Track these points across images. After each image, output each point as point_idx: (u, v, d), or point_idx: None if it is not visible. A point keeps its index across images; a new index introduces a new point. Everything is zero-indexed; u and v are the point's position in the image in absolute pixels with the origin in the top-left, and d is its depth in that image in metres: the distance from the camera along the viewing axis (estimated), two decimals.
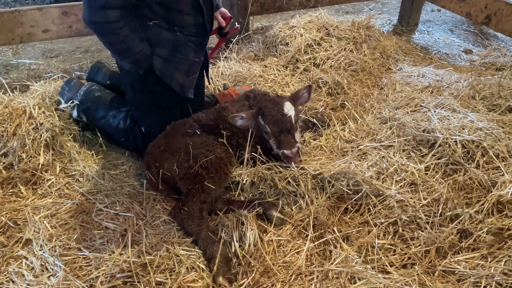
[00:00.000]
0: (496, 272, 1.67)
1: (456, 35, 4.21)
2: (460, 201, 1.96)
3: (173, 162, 2.10)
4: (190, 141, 2.16)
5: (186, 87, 2.32)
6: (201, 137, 2.22)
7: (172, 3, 2.12)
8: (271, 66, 3.23)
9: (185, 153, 2.11)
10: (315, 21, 3.43)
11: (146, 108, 2.35)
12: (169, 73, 2.26)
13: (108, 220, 2.00)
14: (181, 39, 2.22)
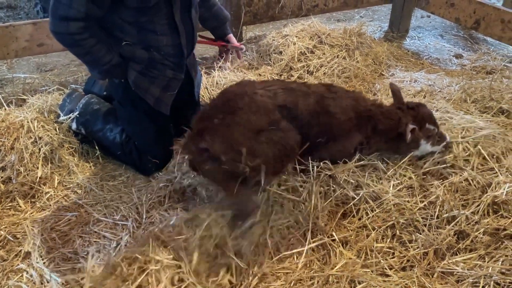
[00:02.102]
0: (494, 271, 1.70)
1: (446, 40, 4.28)
2: (456, 203, 1.99)
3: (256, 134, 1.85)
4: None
5: (162, 102, 2.31)
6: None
7: (146, 23, 2.11)
8: (265, 75, 3.26)
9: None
10: (308, 29, 3.48)
11: (137, 124, 2.34)
12: (143, 85, 2.25)
13: (107, 229, 2.01)
14: (158, 58, 2.22)
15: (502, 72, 3.36)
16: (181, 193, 2.22)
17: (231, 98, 1.97)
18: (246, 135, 1.84)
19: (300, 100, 2.02)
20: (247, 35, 3.97)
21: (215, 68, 3.28)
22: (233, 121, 1.87)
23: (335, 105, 2.09)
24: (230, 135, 1.83)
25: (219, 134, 1.84)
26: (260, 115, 1.89)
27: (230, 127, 1.86)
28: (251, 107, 1.91)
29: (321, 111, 2.05)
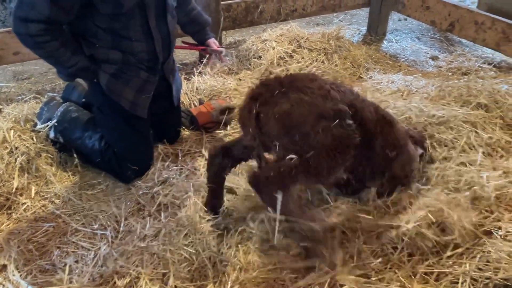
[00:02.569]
0: (471, 268, 1.72)
1: (423, 42, 4.36)
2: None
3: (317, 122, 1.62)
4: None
5: (137, 105, 2.29)
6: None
7: (120, 30, 2.10)
8: (245, 79, 3.27)
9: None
10: (287, 33, 3.51)
11: (116, 130, 2.32)
12: (117, 89, 2.23)
13: (85, 239, 1.98)
14: (131, 61, 2.21)
15: (476, 73, 3.44)
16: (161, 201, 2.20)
17: (298, 77, 1.79)
18: (305, 115, 1.62)
19: (364, 105, 1.83)
20: (226, 40, 3.97)
21: (195, 73, 3.28)
22: (295, 96, 1.64)
23: (389, 115, 1.93)
24: (287, 112, 1.62)
25: (275, 105, 1.64)
26: (327, 101, 1.67)
27: (289, 102, 1.63)
28: (320, 90, 1.69)
29: (382, 120, 1.87)
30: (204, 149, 2.59)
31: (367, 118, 1.78)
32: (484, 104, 2.66)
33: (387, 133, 1.84)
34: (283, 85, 1.69)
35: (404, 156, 1.94)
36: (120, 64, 2.20)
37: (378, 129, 1.82)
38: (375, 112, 1.85)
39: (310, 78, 1.76)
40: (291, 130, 1.62)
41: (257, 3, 3.79)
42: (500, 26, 3.44)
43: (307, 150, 1.62)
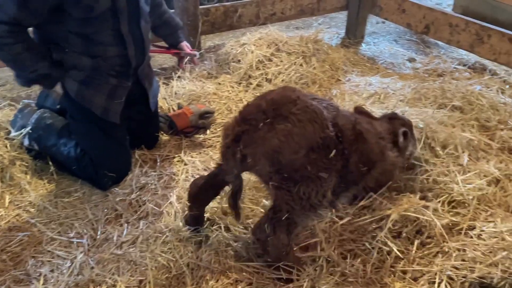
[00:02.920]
0: (447, 266, 1.75)
1: (400, 45, 4.43)
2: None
3: (306, 155, 1.57)
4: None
5: (109, 110, 2.26)
6: None
7: (92, 34, 2.08)
8: (224, 83, 3.26)
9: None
10: (265, 37, 3.51)
11: (91, 137, 2.28)
12: (87, 96, 2.20)
13: (61, 248, 1.94)
14: (102, 66, 2.18)
15: (452, 74, 3.50)
16: (139, 207, 2.17)
17: (279, 100, 1.64)
18: (297, 151, 1.56)
19: (345, 122, 1.77)
20: (206, 44, 3.96)
21: (174, 78, 3.26)
22: (282, 128, 1.56)
23: (366, 131, 1.88)
24: (276, 150, 1.55)
25: (263, 143, 1.57)
26: (316, 127, 1.60)
27: (279, 136, 1.56)
28: (307, 114, 1.60)
29: (358, 137, 1.81)
30: (183, 154, 2.58)
31: (346, 136, 1.74)
32: (458, 106, 2.71)
33: (361, 151, 1.80)
34: (266, 114, 1.58)
35: (377, 171, 1.93)
36: (89, 71, 2.17)
37: (354, 148, 1.77)
38: (352, 129, 1.79)
39: (292, 99, 1.63)
40: (282, 168, 1.58)
41: (236, 7, 3.79)
42: (473, 28, 3.51)
43: (296, 183, 1.61)
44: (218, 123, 2.90)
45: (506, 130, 2.59)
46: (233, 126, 1.64)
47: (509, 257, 1.68)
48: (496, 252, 1.72)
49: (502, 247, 1.73)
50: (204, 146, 2.70)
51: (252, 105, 1.68)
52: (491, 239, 1.79)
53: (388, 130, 2.05)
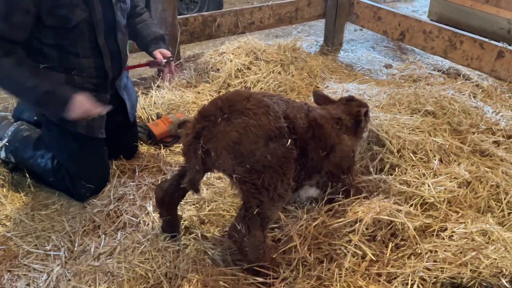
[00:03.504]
0: (420, 268, 1.79)
1: (377, 51, 4.52)
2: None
3: (265, 145, 1.63)
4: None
5: (94, 127, 2.25)
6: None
7: (68, 46, 2.08)
8: (204, 92, 3.29)
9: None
10: (244, 46, 3.56)
11: (67, 149, 2.27)
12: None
13: (38, 261, 1.93)
14: (77, 81, 2.17)
15: (426, 79, 3.59)
16: (117, 218, 2.17)
17: (234, 98, 1.71)
18: (256, 141, 1.61)
19: (296, 113, 1.84)
20: (185, 54, 3.99)
21: (153, 88, 3.27)
22: (239, 122, 1.61)
23: (320, 116, 1.97)
24: (236, 141, 1.60)
25: (223, 137, 1.60)
26: (270, 119, 1.66)
27: (237, 129, 1.60)
28: (260, 108, 1.67)
29: (313, 124, 1.90)
30: (162, 163, 2.58)
31: (299, 126, 1.81)
32: (431, 111, 2.78)
33: (318, 137, 1.88)
34: (223, 111, 1.64)
35: (336, 154, 1.99)
36: None
37: (310, 134, 1.85)
38: (306, 117, 1.87)
39: (245, 96, 1.71)
40: (244, 159, 1.61)
41: (214, 17, 3.83)
42: (446, 35, 3.62)
43: (259, 175, 1.64)
44: None
45: (477, 134, 2.67)
46: (193, 124, 1.68)
47: (478, 257, 1.73)
48: (466, 253, 1.76)
49: (471, 247, 1.78)
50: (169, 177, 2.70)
51: (209, 104, 1.74)
52: (461, 240, 1.84)
53: (344, 112, 2.15)
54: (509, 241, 1.80)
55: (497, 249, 1.76)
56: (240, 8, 4.00)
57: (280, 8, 4.16)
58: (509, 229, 1.99)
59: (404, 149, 2.36)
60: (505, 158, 2.46)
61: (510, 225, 2.04)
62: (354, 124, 2.17)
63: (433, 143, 2.41)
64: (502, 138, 2.66)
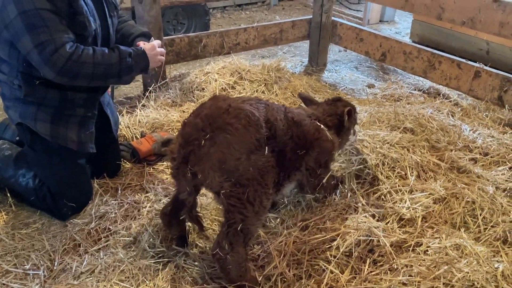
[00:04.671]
0: (395, 282, 1.81)
1: (360, 71, 4.62)
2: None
3: (247, 159, 1.69)
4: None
5: (84, 143, 2.29)
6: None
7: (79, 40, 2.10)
8: (188, 111, 3.33)
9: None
10: (228, 66, 3.63)
11: (49, 167, 2.28)
12: (60, 134, 2.21)
13: (16, 281, 1.92)
14: (70, 97, 2.21)
15: (407, 98, 3.68)
16: (98, 236, 2.18)
17: (213, 112, 1.75)
18: (239, 157, 1.68)
19: (276, 115, 1.90)
20: (171, 74, 4.04)
21: (138, 106, 3.31)
22: (221, 140, 1.68)
23: (298, 115, 2.03)
24: (221, 161, 1.66)
25: (208, 158, 1.67)
26: (251, 131, 1.73)
27: (221, 148, 1.67)
28: (241, 120, 1.72)
29: (292, 124, 1.97)
30: (146, 182, 2.60)
31: (280, 128, 1.88)
32: (410, 128, 2.85)
33: (296, 136, 1.96)
34: (205, 131, 1.70)
35: (315, 150, 2.05)
36: (57, 104, 2.19)
37: (289, 136, 1.92)
38: (284, 117, 1.94)
39: (224, 108, 1.75)
40: (230, 175, 1.69)
41: (201, 38, 3.91)
42: (425, 55, 3.73)
43: (244, 189, 1.70)
44: None
45: (455, 151, 2.74)
46: (178, 149, 1.75)
47: (451, 270, 1.76)
48: (440, 266, 1.80)
49: (445, 261, 1.82)
50: (167, 173, 2.74)
51: (189, 125, 1.77)
52: (436, 254, 1.87)
53: (329, 112, 2.25)
54: (481, 255, 1.84)
55: (470, 263, 1.79)
56: (225, 30, 4.09)
57: (265, 29, 4.26)
58: (484, 244, 2.03)
59: (383, 165, 2.41)
60: (481, 175, 2.51)
61: (486, 240, 2.08)
62: (338, 124, 2.25)
63: (411, 160, 2.47)
64: (479, 155, 2.73)
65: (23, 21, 1.93)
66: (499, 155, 2.69)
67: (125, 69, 2.16)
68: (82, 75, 2.06)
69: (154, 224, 2.22)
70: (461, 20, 3.35)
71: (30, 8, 1.92)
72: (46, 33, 1.94)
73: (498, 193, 2.36)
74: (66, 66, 1.98)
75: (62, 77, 2.03)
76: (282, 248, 1.98)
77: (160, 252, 2.05)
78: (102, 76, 2.12)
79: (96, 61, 2.05)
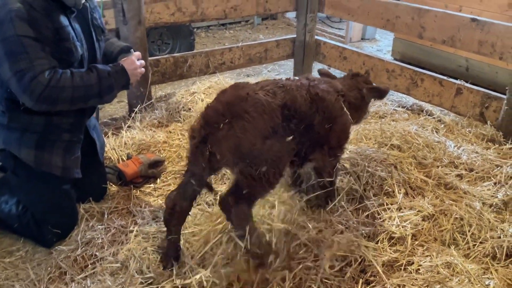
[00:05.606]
0: None
1: None
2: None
3: (262, 144, 1.84)
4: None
5: (70, 168, 2.25)
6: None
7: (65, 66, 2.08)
8: (175, 132, 3.31)
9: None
10: (215, 86, 3.64)
11: (33, 192, 2.23)
12: (45, 161, 2.17)
13: None
14: (55, 122, 2.18)
15: (392, 115, 3.73)
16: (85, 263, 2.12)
17: (233, 100, 1.88)
18: (254, 142, 1.82)
19: (296, 94, 2.01)
20: (157, 94, 4.03)
21: (124, 128, 3.27)
22: (239, 125, 1.81)
23: (322, 90, 2.14)
24: (237, 144, 1.80)
25: (227, 141, 1.81)
26: (266, 119, 1.86)
27: (238, 133, 1.81)
28: (257, 109, 1.86)
29: (316, 98, 2.07)
30: (133, 205, 2.56)
31: (301, 105, 2.00)
32: (397, 145, 2.89)
33: (322, 109, 2.08)
34: (224, 116, 1.82)
35: (338, 127, 2.19)
36: (42, 129, 2.15)
37: (314, 109, 2.05)
38: (307, 93, 2.06)
39: (243, 97, 1.88)
40: (244, 157, 1.83)
41: (186, 58, 3.92)
42: (408, 73, 3.80)
43: (257, 168, 1.84)
44: (168, 171, 2.92)
45: (441, 167, 2.77)
46: (199, 129, 1.87)
47: None
48: (432, 286, 1.80)
49: (437, 280, 1.82)
50: (154, 195, 2.70)
51: (211, 108, 1.91)
52: (427, 273, 1.88)
53: (350, 86, 2.37)
54: (472, 272, 1.85)
55: (461, 281, 1.80)
56: (211, 49, 4.11)
57: (250, 49, 4.30)
58: (474, 261, 2.05)
59: (373, 183, 2.42)
60: (468, 190, 2.55)
61: (475, 256, 2.09)
62: (360, 98, 2.37)
63: (399, 177, 2.49)
64: (464, 171, 2.77)
65: (3, 47, 1.90)
66: (484, 171, 2.74)
67: (105, 89, 2.13)
68: (62, 100, 2.02)
69: (142, 247, 2.18)
70: (441, 39, 3.44)
71: (11, 34, 1.89)
72: (26, 60, 1.91)
73: (485, 208, 2.39)
74: (44, 93, 1.94)
75: (41, 104, 1.99)
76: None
77: (148, 278, 2.00)
78: (83, 98, 2.09)
79: (75, 84, 2.02)
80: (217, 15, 3.94)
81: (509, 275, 1.96)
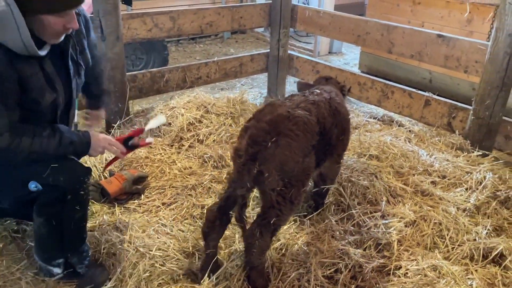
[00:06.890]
0: None
1: None
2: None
3: (302, 162, 1.92)
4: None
5: None
6: None
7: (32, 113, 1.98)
8: (156, 147, 3.30)
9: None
10: (194, 100, 3.66)
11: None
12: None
13: None
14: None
15: (365, 126, 3.88)
16: None
17: (276, 119, 1.93)
18: (297, 160, 1.89)
19: (324, 111, 2.12)
20: (134, 109, 4.00)
21: None
22: (284, 143, 1.87)
23: (338, 103, 2.25)
24: (285, 160, 1.86)
25: (273, 159, 1.84)
26: (308, 137, 1.95)
27: (284, 151, 1.86)
28: (300, 127, 1.93)
29: (335, 112, 2.19)
30: (118, 222, 2.52)
31: (327, 120, 2.11)
32: (375, 155, 3.01)
33: (339, 123, 2.23)
34: (271, 134, 1.87)
35: (346, 136, 2.36)
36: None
37: (334, 123, 2.17)
38: (329, 108, 2.17)
39: (285, 116, 1.93)
40: (286, 175, 1.89)
41: (163, 73, 3.93)
42: (379, 86, 3.98)
43: (291, 187, 1.90)
44: (152, 187, 2.90)
45: (417, 175, 2.92)
46: (246, 148, 1.89)
47: None
48: None
49: (425, 282, 1.92)
50: (139, 211, 2.68)
51: (257, 129, 1.93)
52: (416, 277, 1.98)
53: (334, 90, 2.46)
54: (457, 274, 1.96)
55: (448, 282, 1.91)
56: (187, 64, 4.14)
57: (226, 63, 4.36)
58: (455, 263, 2.17)
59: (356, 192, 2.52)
60: (443, 196, 2.70)
61: (455, 259, 2.22)
62: (343, 101, 2.49)
63: (380, 185, 2.61)
64: (438, 178, 2.93)
65: None
66: (456, 177, 2.90)
67: (60, 153, 2.03)
68: (13, 161, 1.94)
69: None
70: (410, 53, 3.64)
71: None
72: None
73: (459, 213, 2.54)
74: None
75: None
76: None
77: None
78: (35, 158, 1.98)
79: (32, 150, 1.91)
80: (193, 31, 3.99)
81: (488, 275, 2.09)
